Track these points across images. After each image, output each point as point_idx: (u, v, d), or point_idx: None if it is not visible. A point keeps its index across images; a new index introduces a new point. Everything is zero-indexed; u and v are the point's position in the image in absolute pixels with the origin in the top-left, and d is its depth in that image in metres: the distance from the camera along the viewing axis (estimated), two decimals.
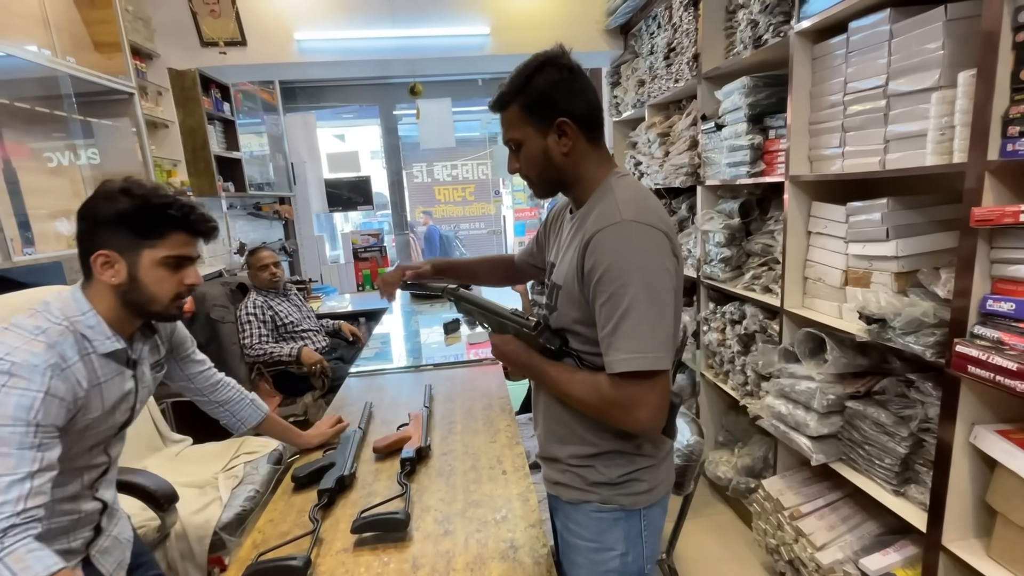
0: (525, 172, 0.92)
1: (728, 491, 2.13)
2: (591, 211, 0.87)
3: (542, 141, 0.87)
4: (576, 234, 0.88)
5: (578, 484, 0.94)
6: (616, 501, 0.92)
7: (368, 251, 4.27)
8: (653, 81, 2.67)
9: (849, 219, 1.47)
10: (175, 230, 0.93)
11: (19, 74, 1.95)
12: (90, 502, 1.00)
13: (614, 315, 0.78)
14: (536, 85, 0.85)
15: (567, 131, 0.86)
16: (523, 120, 0.87)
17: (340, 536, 1.00)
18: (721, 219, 2.09)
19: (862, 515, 1.59)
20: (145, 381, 1.04)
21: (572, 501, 0.96)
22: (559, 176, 0.90)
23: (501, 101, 0.89)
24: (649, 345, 0.77)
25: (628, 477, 0.92)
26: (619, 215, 0.80)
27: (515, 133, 0.89)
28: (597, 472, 0.92)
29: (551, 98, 0.85)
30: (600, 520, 0.93)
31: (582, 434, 0.92)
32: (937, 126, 1.17)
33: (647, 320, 0.77)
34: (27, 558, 0.75)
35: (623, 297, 0.77)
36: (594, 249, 0.80)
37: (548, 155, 0.88)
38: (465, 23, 2.98)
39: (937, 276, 1.25)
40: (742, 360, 2.05)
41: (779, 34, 1.65)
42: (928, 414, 1.29)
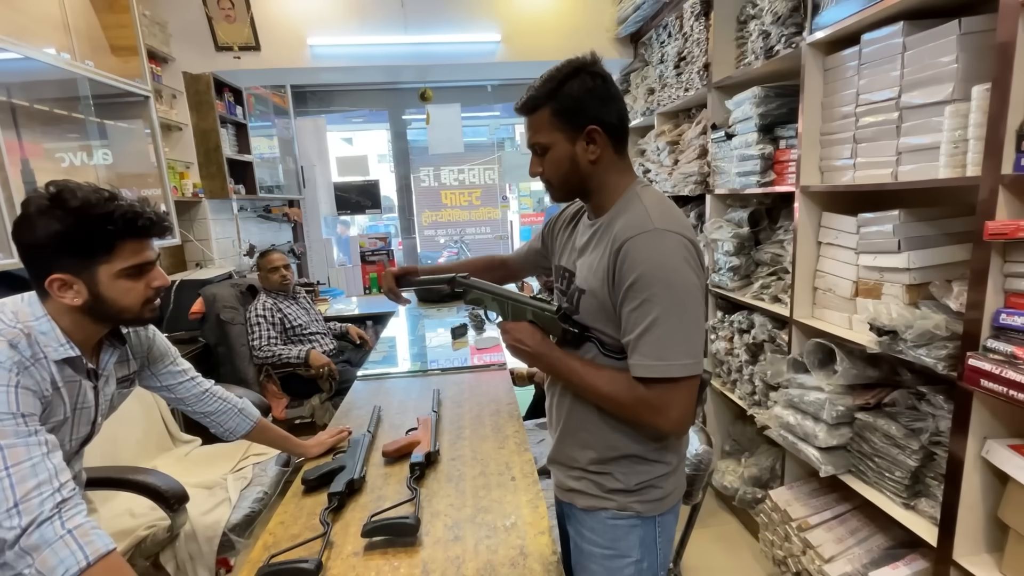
0: (547, 176, 0.92)
1: (735, 501, 2.12)
2: (616, 218, 0.88)
3: (570, 147, 0.88)
4: (600, 240, 0.89)
5: (593, 491, 0.95)
6: (632, 508, 0.93)
7: (376, 254, 4.29)
8: (663, 89, 2.68)
9: (860, 230, 1.47)
10: (123, 240, 0.87)
11: (39, 76, 1.98)
12: None
13: (645, 320, 0.80)
14: (569, 91, 0.85)
15: (596, 139, 0.88)
16: (552, 125, 0.87)
17: (351, 539, 1.01)
18: (730, 228, 2.09)
19: (871, 528, 1.57)
20: (107, 395, 1.02)
21: (587, 508, 0.96)
22: (582, 183, 0.91)
23: (531, 104, 0.88)
24: (678, 351, 0.80)
25: (645, 484, 0.93)
26: (652, 223, 0.82)
27: (542, 137, 0.89)
28: (614, 479, 0.93)
29: (583, 105, 0.86)
30: (616, 527, 0.94)
31: (607, 437, 0.92)
32: (950, 139, 1.17)
33: (678, 328, 0.80)
34: (91, 533, 0.77)
35: (655, 304, 0.79)
36: (627, 255, 0.81)
37: (575, 161, 0.89)
38: (476, 30, 3.00)
39: (949, 289, 1.25)
40: (750, 369, 2.04)
41: (791, 45, 1.66)
42: (939, 427, 1.29)
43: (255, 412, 1.32)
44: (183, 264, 3.05)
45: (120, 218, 0.85)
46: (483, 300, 1.05)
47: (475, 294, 1.06)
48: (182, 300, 2.54)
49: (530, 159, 0.93)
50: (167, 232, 0.96)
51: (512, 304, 0.99)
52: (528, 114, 0.89)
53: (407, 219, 4.88)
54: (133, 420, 1.71)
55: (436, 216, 9.42)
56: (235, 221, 3.33)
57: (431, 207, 9.25)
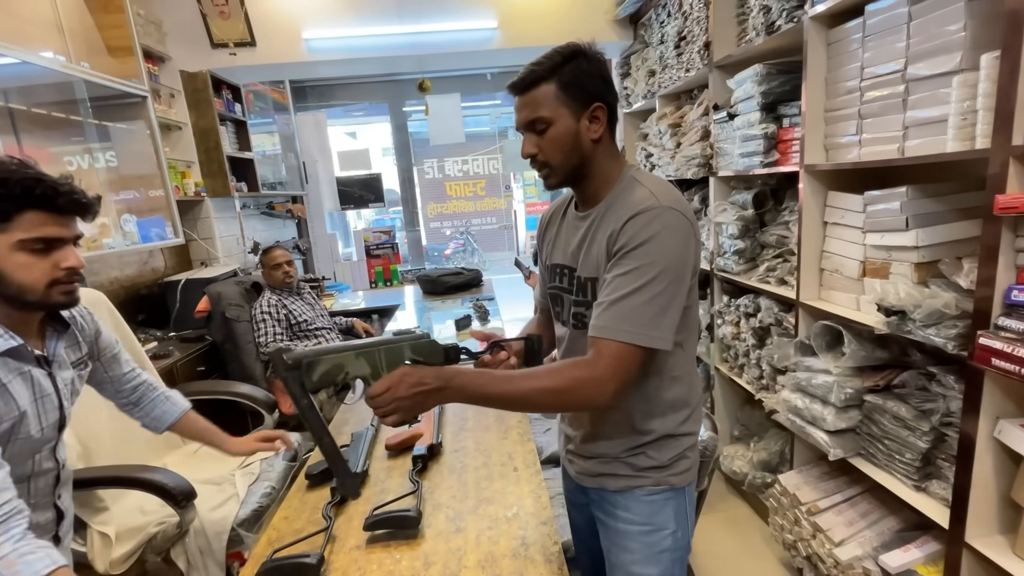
0: (545, 157, 0.88)
1: (744, 486, 2.11)
2: (614, 203, 0.88)
3: (574, 124, 0.86)
4: (600, 227, 0.88)
5: (626, 472, 0.96)
6: (667, 482, 0.95)
7: (380, 248, 4.29)
8: (664, 71, 2.63)
9: (867, 208, 1.43)
10: (24, 209, 0.82)
11: (35, 80, 1.99)
12: (47, 512, 0.98)
13: (624, 288, 0.79)
14: (575, 68, 0.84)
15: (600, 117, 0.87)
16: (557, 100, 0.84)
17: (353, 533, 1.01)
18: (734, 210, 2.05)
19: (882, 511, 1.56)
20: (65, 380, 1.00)
21: (621, 489, 0.97)
22: (582, 163, 0.89)
23: (533, 78, 0.85)
24: (646, 323, 0.78)
25: (677, 457, 0.95)
26: (657, 201, 0.82)
27: (545, 112, 0.85)
28: (647, 458, 0.94)
29: (591, 81, 0.85)
30: (652, 503, 0.95)
31: (634, 426, 0.93)
32: (959, 111, 1.13)
33: (656, 302, 0.79)
34: (18, 564, 0.69)
35: (647, 272, 0.79)
36: (631, 226, 0.81)
37: (578, 139, 0.86)
38: (472, 17, 2.96)
39: (959, 266, 1.21)
40: (757, 353, 2.02)
41: (793, 19, 1.61)
42: (950, 408, 1.26)
43: (185, 403, 1.29)
44: (188, 263, 3.07)
45: (17, 184, 0.80)
46: (340, 367, 0.74)
47: (322, 367, 0.74)
48: (188, 299, 2.56)
49: (523, 141, 0.89)
50: (85, 211, 0.90)
51: (381, 350, 0.76)
52: (528, 90, 0.85)
53: (410, 212, 4.87)
54: None
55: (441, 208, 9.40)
56: (238, 219, 3.34)
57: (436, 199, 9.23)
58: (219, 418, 2.16)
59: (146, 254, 2.75)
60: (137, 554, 1.34)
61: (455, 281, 3.41)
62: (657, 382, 0.91)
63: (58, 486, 1.01)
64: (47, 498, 0.99)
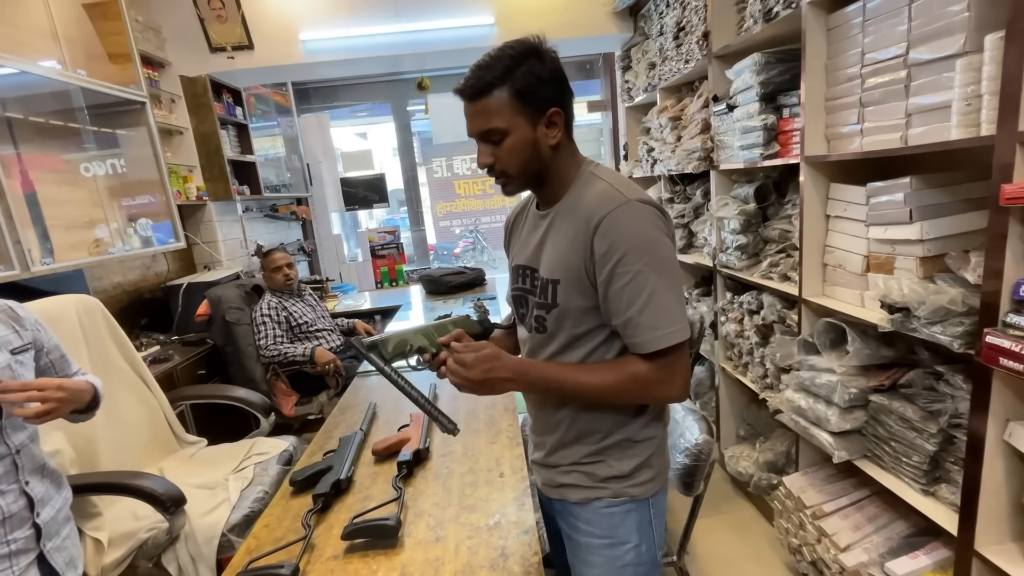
0: (503, 167, 0.84)
1: (750, 487, 2.06)
2: (577, 199, 0.84)
3: (531, 132, 0.82)
4: (563, 226, 0.85)
5: (586, 482, 0.92)
6: (627, 493, 0.91)
7: (385, 248, 4.29)
8: (664, 63, 2.57)
9: (870, 200, 1.37)
10: None
11: (32, 89, 2.00)
12: (17, 499, 0.99)
13: (640, 296, 0.78)
14: (528, 71, 0.79)
15: (557, 122, 0.83)
16: (512, 108, 0.80)
17: (332, 542, 0.99)
18: (736, 205, 1.99)
19: (889, 515, 1.50)
20: (0, 365, 1.00)
21: (581, 501, 0.93)
22: (541, 169, 0.86)
23: (483, 86, 0.79)
24: (678, 317, 0.80)
25: (638, 466, 0.91)
26: (623, 196, 0.80)
27: (499, 122, 0.80)
28: (607, 466, 0.91)
29: (544, 86, 0.80)
30: (612, 515, 0.92)
31: (596, 427, 0.90)
32: (963, 96, 1.07)
33: (671, 296, 0.79)
34: None
35: (646, 277, 0.78)
36: (607, 230, 0.78)
37: (536, 147, 0.83)
38: (469, 14, 2.93)
39: (966, 260, 1.15)
40: (761, 352, 1.96)
41: (791, 5, 1.55)
42: (959, 409, 1.20)
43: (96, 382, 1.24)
44: (192, 267, 3.09)
45: None
46: (405, 342, 0.89)
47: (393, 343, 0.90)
48: (190, 303, 2.57)
49: (478, 150, 0.85)
50: None
51: (432, 326, 0.90)
52: (477, 98, 0.81)
53: (415, 211, 4.85)
54: (139, 424, 1.74)
55: (450, 207, 9.39)
56: (240, 222, 3.36)
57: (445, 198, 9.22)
58: (219, 420, 2.18)
59: (149, 259, 2.77)
60: (128, 560, 1.34)
61: (457, 281, 3.39)
62: None
63: (19, 472, 1.00)
64: (12, 484, 0.99)
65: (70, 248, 2.09)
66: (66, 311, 1.60)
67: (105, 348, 1.68)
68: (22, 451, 1.02)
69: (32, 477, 1.03)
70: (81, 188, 2.31)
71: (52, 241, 1.96)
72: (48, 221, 1.97)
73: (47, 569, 1.03)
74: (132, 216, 2.45)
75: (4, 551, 0.96)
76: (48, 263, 1.84)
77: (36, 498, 1.02)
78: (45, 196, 1.99)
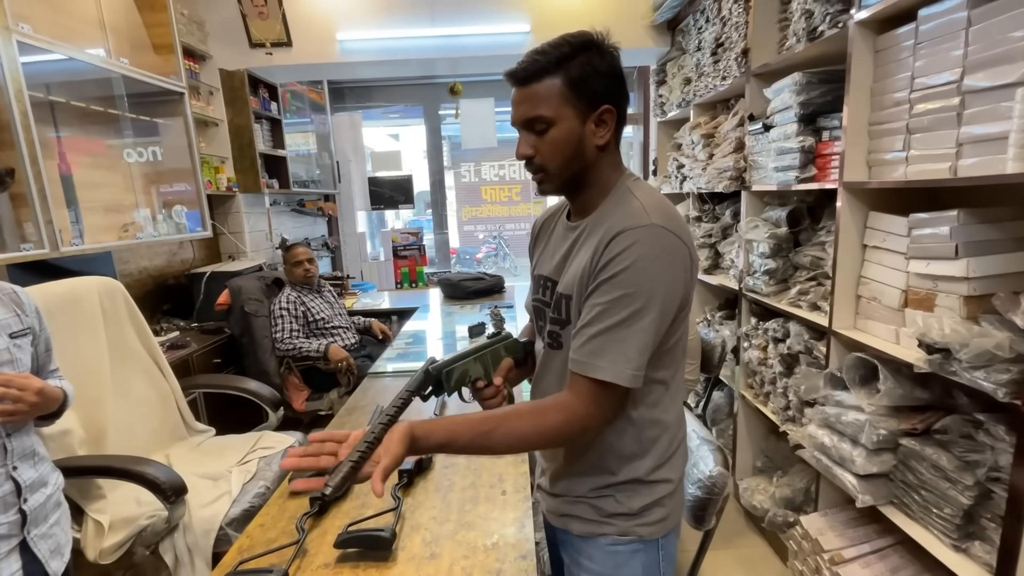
0: (542, 160, 0.79)
1: (764, 523, 1.97)
2: (607, 215, 0.80)
3: (579, 126, 0.77)
4: (587, 241, 0.80)
5: (592, 516, 0.87)
6: (635, 532, 0.85)
7: (407, 249, 4.30)
8: (700, 79, 2.52)
9: (912, 232, 1.30)
10: None
11: (76, 75, 2.06)
12: (2, 482, 0.98)
13: (614, 316, 0.73)
14: (586, 61, 0.75)
15: (608, 121, 0.78)
16: (562, 97, 0.75)
17: (324, 549, 0.96)
18: (767, 228, 1.92)
19: (914, 568, 1.40)
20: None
21: (585, 535, 0.88)
22: (583, 169, 0.80)
23: (535, 70, 0.75)
24: (630, 359, 0.73)
25: (648, 505, 0.85)
26: (648, 218, 0.74)
27: (546, 110, 0.75)
28: (615, 502, 0.85)
29: (600, 80, 0.76)
30: (616, 554, 0.86)
31: (603, 465, 0.85)
32: (1021, 127, 1.00)
33: (639, 338, 0.72)
34: None
35: (630, 304, 0.73)
36: (615, 246, 0.73)
37: (581, 144, 0.78)
38: (505, 21, 2.93)
39: (1016, 302, 1.07)
40: (784, 382, 1.88)
41: (837, 24, 1.49)
42: (998, 461, 1.11)
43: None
44: (217, 256, 3.14)
45: None
46: (466, 372, 0.89)
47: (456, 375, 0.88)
48: (212, 291, 2.61)
49: (518, 140, 0.80)
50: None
51: (487, 353, 0.92)
52: (527, 83, 0.76)
53: (439, 214, 4.87)
54: (150, 409, 1.75)
55: (476, 211, 9.43)
56: (267, 215, 3.41)
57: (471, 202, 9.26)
58: (232, 410, 2.19)
59: (176, 246, 2.83)
60: (127, 545, 1.34)
61: (476, 287, 3.37)
62: (630, 422, 0.82)
63: (8, 456, 0.99)
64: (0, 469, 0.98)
65: (101, 231, 2.14)
66: (89, 292, 1.63)
67: (123, 331, 1.71)
68: (12, 436, 1.01)
69: (21, 463, 1.02)
70: (116, 173, 2.37)
71: (84, 223, 2.01)
72: (82, 204, 2.02)
73: (29, 556, 1.01)
74: (164, 203, 2.50)
75: None
76: (77, 244, 1.89)
77: (24, 484, 1.01)
78: (81, 179, 2.05)
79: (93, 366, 1.54)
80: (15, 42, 1.65)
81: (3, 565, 0.97)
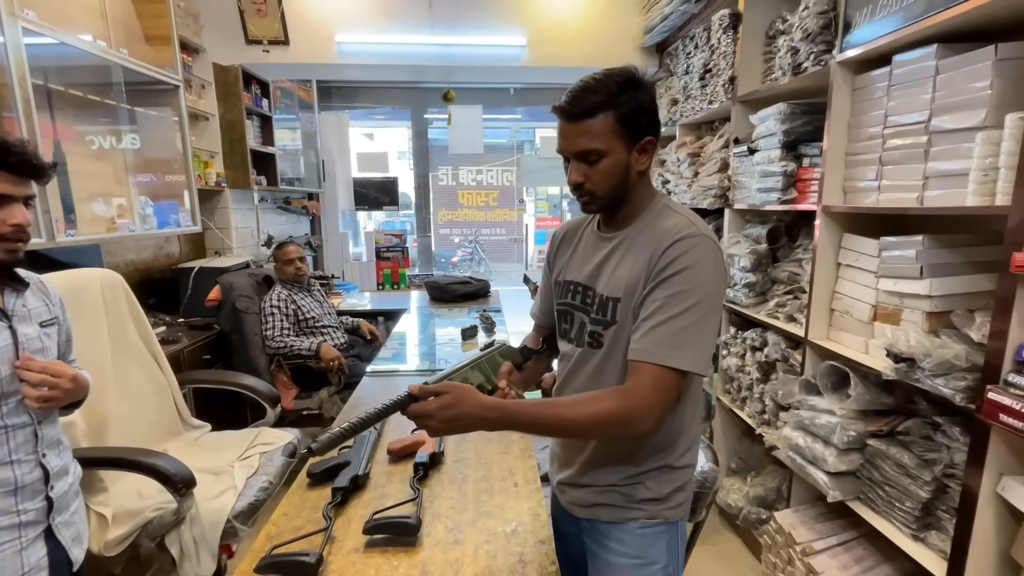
0: (593, 187, 0.87)
1: (738, 520, 2.09)
2: (647, 228, 0.89)
3: (625, 156, 0.86)
4: (631, 249, 0.89)
5: (621, 503, 0.95)
6: (662, 515, 0.95)
7: (390, 251, 4.32)
8: (687, 101, 2.67)
9: (882, 254, 1.45)
10: None
11: (75, 62, 2.03)
12: (33, 469, 0.99)
13: (676, 309, 0.80)
14: (633, 98, 0.83)
15: (648, 150, 0.88)
16: (613, 132, 0.83)
17: (352, 535, 1.01)
18: (748, 244, 2.07)
19: (877, 558, 1.54)
20: (29, 335, 1.01)
21: (614, 521, 0.96)
22: (626, 193, 0.90)
23: (589, 106, 0.82)
24: (700, 350, 0.81)
25: (675, 490, 0.95)
26: (696, 229, 0.85)
27: (599, 144, 0.83)
28: (645, 488, 0.94)
29: (644, 115, 0.85)
30: (645, 536, 0.95)
31: (630, 453, 0.93)
32: (980, 167, 1.14)
33: (706, 329, 0.81)
34: None
35: (689, 298, 0.80)
36: (675, 250, 0.82)
37: (627, 171, 0.87)
38: (502, 33, 3.02)
39: (971, 319, 1.22)
40: (761, 388, 2.02)
41: (820, 63, 1.64)
42: (954, 459, 1.26)
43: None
44: (202, 251, 3.10)
45: None
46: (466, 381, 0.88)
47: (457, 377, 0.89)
48: (199, 287, 2.59)
49: (569, 167, 0.87)
50: (37, 173, 0.95)
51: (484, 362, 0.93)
52: (582, 118, 0.83)
53: (423, 217, 4.90)
54: (147, 403, 1.74)
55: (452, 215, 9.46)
56: (255, 211, 3.38)
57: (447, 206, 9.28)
58: (220, 409, 2.19)
59: (162, 239, 2.78)
60: (132, 538, 1.34)
61: (463, 290, 3.43)
62: (671, 411, 0.91)
63: (38, 443, 1.01)
64: (31, 455, 0.99)
65: (91, 222, 2.10)
66: (91, 284, 1.62)
67: (123, 324, 1.70)
68: (43, 423, 1.03)
69: (49, 450, 1.04)
70: (106, 163, 2.33)
71: (76, 213, 1.98)
72: (74, 193, 1.99)
73: (53, 543, 1.03)
74: (153, 196, 2.47)
75: (14, 521, 0.96)
76: (72, 235, 1.86)
77: (52, 471, 1.03)
78: (72, 168, 2.01)
79: (95, 358, 1.53)
80: (20, 28, 1.63)
81: (31, 550, 0.98)
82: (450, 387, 0.80)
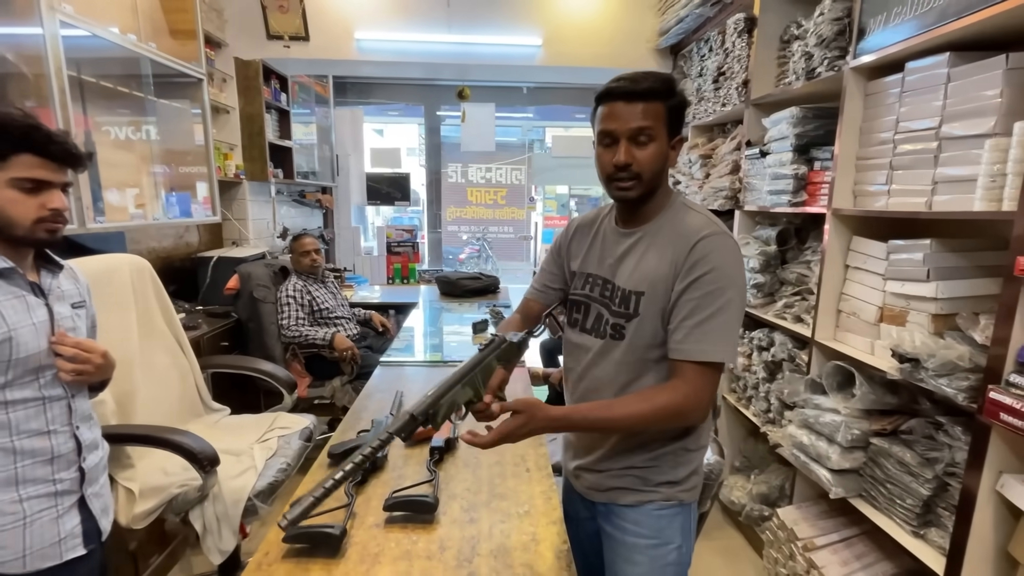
0: (640, 168, 0.89)
1: (741, 516, 2.13)
2: (667, 224, 0.94)
3: (666, 146, 0.91)
4: (652, 245, 0.93)
5: (638, 486, 1.00)
6: (677, 497, 1.00)
7: (401, 246, 4.38)
8: (700, 103, 2.70)
9: (890, 256, 1.48)
10: (19, 151, 0.93)
11: (105, 54, 2.10)
12: (67, 440, 1.04)
13: (711, 308, 0.86)
14: (680, 97, 0.91)
15: (677, 149, 0.94)
16: (663, 119, 0.89)
17: (372, 512, 1.06)
18: (757, 245, 2.10)
19: (878, 554, 1.58)
20: (63, 314, 1.05)
21: (632, 504, 1.01)
22: (658, 184, 0.94)
23: (650, 90, 0.87)
24: (732, 343, 0.88)
25: (690, 473, 1.00)
26: (718, 228, 0.91)
27: (654, 124, 0.88)
28: (661, 472, 0.99)
29: (682, 114, 0.93)
30: (661, 517, 1.00)
31: (647, 438, 0.98)
32: (988, 173, 1.18)
33: (735, 324, 0.88)
34: None
35: (721, 296, 0.86)
36: (704, 248, 0.88)
37: (664, 162, 0.93)
38: (519, 33, 3.06)
39: (976, 321, 1.25)
40: (767, 387, 2.05)
41: (833, 68, 1.67)
42: (955, 458, 1.29)
43: None
44: (220, 242, 3.17)
45: (17, 129, 0.92)
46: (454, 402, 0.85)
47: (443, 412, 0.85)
48: (218, 276, 2.65)
49: (618, 148, 0.88)
50: (75, 161, 1.00)
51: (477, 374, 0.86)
52: (643, 99, 0.87)
53: (434, 214, 4.95)
54: (171, 385, 1.80)
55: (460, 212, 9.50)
56: (272, 204, 3.45)
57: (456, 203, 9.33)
58: (236, 393, 2.24)
59: (182, 228, 2.85)
60: (157, 512, 1.40)
61: (473, 286, 3.47)
62: None
63: (72, 415, 1.06)
64: (65, 427, 1.04)
65: (117, 210, 2.17)
66: (120, 269, 1.68)
67: (149, 308, 1.76)
68: (76, 396, 1.08)
69: (82, 423, 1.09)
70: (131, 153, 2.39)
71: (104, 201, 2.04)
72: (102, 182, 2.05)
73: (86, 513, 1.08)
74: (174, 186, 2.53)
75: (51, 489, 1.02)
76: (101, 221, 1.92)
77: (84, 443, 1.08)
78: (100, 157, 2.08)
79: (123, 341, 1.59)
80: (58, 20, 1.69)
81: (67, 518, 1.03)
82: (522, 405, 0.85)
